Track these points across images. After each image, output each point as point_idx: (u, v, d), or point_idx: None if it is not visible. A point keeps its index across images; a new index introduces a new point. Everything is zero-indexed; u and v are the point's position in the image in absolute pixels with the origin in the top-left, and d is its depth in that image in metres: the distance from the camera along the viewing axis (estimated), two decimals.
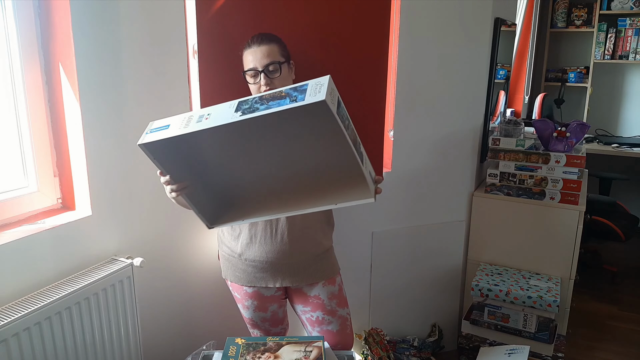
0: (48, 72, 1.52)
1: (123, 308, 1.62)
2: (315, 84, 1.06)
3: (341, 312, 1.67)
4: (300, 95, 1.04)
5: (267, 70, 1.48)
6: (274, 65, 1.49)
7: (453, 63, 2.25)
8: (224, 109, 1.12)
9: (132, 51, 1.63)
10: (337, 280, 1.68)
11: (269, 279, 1.62)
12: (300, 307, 1.69)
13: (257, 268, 1.60)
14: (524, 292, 2.16)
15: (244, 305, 1.69)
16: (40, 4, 1.47)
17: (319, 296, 1.64)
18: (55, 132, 1.57)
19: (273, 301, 1.69)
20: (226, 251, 1.65)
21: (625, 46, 4.08)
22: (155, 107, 1.72)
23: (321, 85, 1.04)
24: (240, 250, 1.60)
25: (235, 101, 1.13)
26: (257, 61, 1.48)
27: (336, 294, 1.66)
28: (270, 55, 1.49)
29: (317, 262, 1.63)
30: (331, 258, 1.68)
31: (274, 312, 1.71)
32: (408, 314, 2.48)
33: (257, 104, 1.07)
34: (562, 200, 2.29)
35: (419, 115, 2.24)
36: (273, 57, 1.49)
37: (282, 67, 1.50)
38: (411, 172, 2.30)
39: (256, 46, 1.49)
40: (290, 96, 1.05)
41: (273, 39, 1.52)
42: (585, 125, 2.35)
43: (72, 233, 1.53)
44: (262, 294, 1.65)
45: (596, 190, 3.75)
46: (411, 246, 2.38)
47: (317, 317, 1.65)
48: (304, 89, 1.05)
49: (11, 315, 1.28)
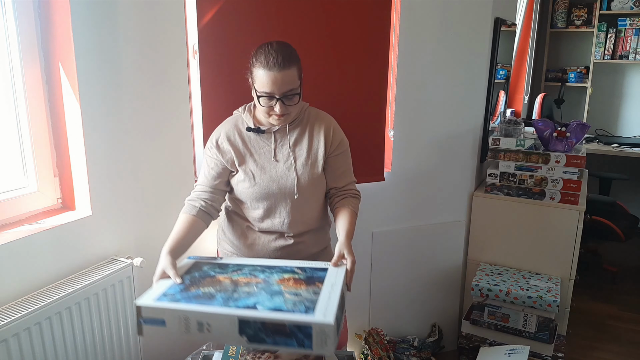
0: (48, 72, 1.52)
1: (123, 308, 1.62)
2: (320, 331, 1.07)
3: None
4: (307, 341, 1.07)
5: (286, 97, 1.40)
6: (292, 94, 1.41)
7: (453, 63, 2.25)
8: (225, 324, 1.11)
9: (132, 51, 1.63)
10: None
11: None
12: None
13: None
14: (524, 292, 2.15)
15: None
16: (40, 4, 1.47)
17: None
18: (55, 132, 1.57)
19: None
20: (228, 249, 1.64)
21: (625, 46, 4.08)
22: (156, 107, 1.72)
23: (326, 336, 1.06)
24: (242, 250, 1.60)
25: (235, 317, 1.10)
26: (277, 88, 1.38)
27: None
28: (291, 82, 1.39)
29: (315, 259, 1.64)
30: (328, 255, 1.68)
31: None
32: (408, 314, 2.48)
33: (262, 333, 1.09)
34: (562, 200, 2.29)
35: (419, 115, 2.24)
36: (293, 85, 1.40)
37: (299, 92, 1.44)
38: (411, 172, 2.30)
39: (277, 71, 1.36)
40: (297, 338, 1.07)
41: (293, 60, 1.41)
42: (585, 125, 2.35)
43: (72, 233, 1.53)
44: None
45: (596, 190, 3.75)
46: (411, 246, 2.38)
47: None
48: (309, 332, 1.07)
49: (11, 315, 1.28)
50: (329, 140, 1.54)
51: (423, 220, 2.39)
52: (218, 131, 1.54)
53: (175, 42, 1.71)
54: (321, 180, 1.55)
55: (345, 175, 1.59)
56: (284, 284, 1.25)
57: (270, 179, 1.49)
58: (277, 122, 1.48)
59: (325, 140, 1.53)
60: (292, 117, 1.50)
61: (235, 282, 1.26)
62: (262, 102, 1.42)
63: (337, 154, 1.56)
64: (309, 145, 1.53)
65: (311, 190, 1.52)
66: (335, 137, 1.56)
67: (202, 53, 1.70)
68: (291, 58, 1.41)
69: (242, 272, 1.33)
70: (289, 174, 1.50)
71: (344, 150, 1.58)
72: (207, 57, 1.71)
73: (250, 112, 1.55)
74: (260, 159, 1.51)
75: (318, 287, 1.23)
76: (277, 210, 1.52)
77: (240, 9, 1.72)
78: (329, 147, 1.54)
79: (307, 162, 1.51)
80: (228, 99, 1.74)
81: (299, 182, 1.49)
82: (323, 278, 1.28)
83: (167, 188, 1.80)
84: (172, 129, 1.77)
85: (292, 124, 1.53)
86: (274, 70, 1.37)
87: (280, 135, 1.53)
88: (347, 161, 1.60)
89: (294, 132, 1.54)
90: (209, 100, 1.75)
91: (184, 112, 1.78)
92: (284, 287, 1.23)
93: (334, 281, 1.26)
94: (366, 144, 2.05)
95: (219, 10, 1.69)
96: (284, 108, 1.42)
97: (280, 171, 1.50)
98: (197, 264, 1.39)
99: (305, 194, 1.51)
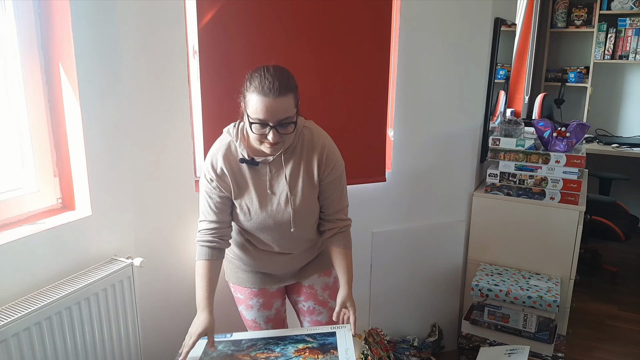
0: (48, 72, 1.52)
1: (123, 308, 1.62)
2: None
3: (332, 304, 1.66)
4: None
5: (280, 126, 1.32)
6: (288, 122, 1.33)
7: (453, 63, 2.25)
8: None
9: (132, 51, 1.63)
10: (333, 272, 1.69)
11: (272, 282, 1.65)
12: (294, 296, 1.72)
13: (261, 274, 1.64)
14: (524, 292, 2.15)
15: (247, 305, 1.68)
16: (40, 4, 1.47)
17: (313, 286, 1.67)
18: (55, 132, 1.57)
19: (278, 297, 1.70)
20: (229, 254, 1.65)
21: (625, 46, 4.07)
22: (156, 107, 1.72)
23: None
24: (245, 260, 1.62)
25: None
26: (271, 116, 1.30)
27: (330, 285, 1.69)
28: (286, 111, 1.31)
29: (314, 259, 1.67)
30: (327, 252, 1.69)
31: (277, 309, 1.71)
32: (408, 314, 2.48)
33: None
34: (562, 200, 2.29)
35: (419, 115, 2.24)
36: (288, 113, 1.31)
37: (294, 120, 1.35)
38: (411, 172, 2.30)
39: (272, 97, 1.28)
40: None
41: (290, 87, 1.32)
42: (585, 125, 2.35)
43: (72, 233, 1.53)
44: (268, 290, 1.67)
45: (596, 190, 3.75)
46: (411, 246, 2.38)
47: (309, 306, 1.68)
48: None
49: (11, 315, 1.28)
50: (322, 166, 1.48)
51: (423, 220, 2.39)
52: (215, 159, 1.45)
53: (175, 42, 1.71)
54: (316, 207, 1.53)
55: (337, 202, 1.55)
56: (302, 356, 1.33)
57: (266, 214, 1.46)
58: (269, 151, 1.39)
59: (318, 167, 1.47)
60: (286, 145, 1.41)
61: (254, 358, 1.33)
62: (254, 129, 1.33)
63: (329, 181, 1.50)
64: (305, 174, 1.47)
65: (307, 220, 1.52)
66: (329, 162, 1.48)
67: (202, 53, 1.71)
68: (288, 85, 1.32)
69: (257, 348, 1.39)
70: (286, 209, 1.46)
71: (338, 175, 1.52)
72: (207, 57, 1.72)
73: (244, 140, 1.45)
74: (255, 192, 1.46)
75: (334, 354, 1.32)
76: (273, 239, 1.52)
77: (240, 9, 1.72)
78: (322, 173, 1.49)
79: (303, 193, 1.47)
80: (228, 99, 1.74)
81: (294, 216, 1.46)
82: (335, 344, 1.37)
83: (167, 188, 1.80)
84: (172, 129, 1.77)
85: (287, 153, 1.46)
86: (269, 97, 1.28)
87: (275, 166, 1.46)
88: (340, 188, 1.54)
89: (290, 162, 1.46)
90: (209, 100, 1.75)
91: (184, 112, 1.78)
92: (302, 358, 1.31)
93: (347, 345, 1.36)
94: (366, 144, 2.05)
95: (219, 11, 1.69)
96: (278, 136, 1.32)
97: (275, 205, 1.46)
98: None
99: (302, 225, 1.51)
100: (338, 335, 1.42)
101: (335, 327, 1.47)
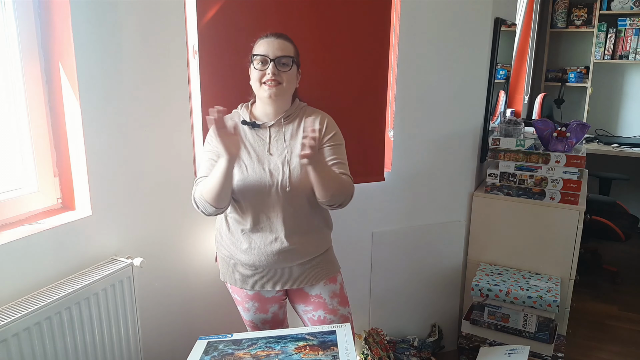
0: (48, 72, 1.52)
1: (123, 308, 1.62)
2: None
3: (343, 312, 1.66)
4: None
5: (279, 62, 1.47)
6: (286, 59, 1.48)
7: (453, 63, 2.25)
8: None
9: (132, 51, 1.63)
10: (338, 278, 1.68)
11: (268, 283, 1.60)
12: (301, 306, 1.67)
13: (256, 272, 1.59)
14: (524, 292, 2.16)
15: (244, 307, 1.69)
16: (40, 4, 1.47)
17: (320, 295, 1.63)
18: (55, 132, 1.57)
19: (274, 302, 1.68)
20: (225, 254, 1.63)
21: (625, 46, 4.08)
22: (156, 107, 1.72)
23: None
24: (239, 255, 1.58)
25: None
26: (271, 51, 1.46)
27: (337, 292, 1.66)
28: (285, 50, 1.48)
29: (317, 263, 1.62)
30: (330, 257, 1.68)
31: (274, 313, 1.70)
32: (408, 314, 2.49)
33: None
34: (562, 200, 2.29)
35: (419, 115, 2.24)
36: (287, 52, 1.49)
37: (292, 65, 1.49)
38: (411, 172, 2.30)
39: (274, 38, 1.48)
40: None
41: (291, 40, 1.53)
42: (585, 125, 2.35)
43: (72, 233, 1.53)
44: (263, 296, 1.65)
45: (596, 190, 3.75)
46: (411, 246, 2.38)
47: (319, 316, 1.64)
48: None
49: (11, 315, 1.28)
50: (322, 132, 1.55)
51: (423, 220, 2.39)
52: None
53: (175, 42, 1.71)
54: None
55: (337, 165, 1.53)
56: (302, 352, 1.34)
57: (263, 171, 1.50)
58: (268, 94, 1.48)
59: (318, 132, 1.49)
60: (284, 92, 1.50)
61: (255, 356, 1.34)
62: (255, 64, 1.48)
63: (329, 145, 1.55)
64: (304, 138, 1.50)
65: (304, 184, 1.49)
66: (329, 129, 1.56)
67: (202, 53, 1.71)
68: (289, 38, 1.51)
69: (258, 346, 1.41)
70: (282, 168, 1.50)
71: (337, 143, 1.57)
72: (207, 57, 1.72)
73: (248, 108, 1.58)
74: (254, 152, 1.52)
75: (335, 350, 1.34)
76: (270, 205, 1.50)
77: (240, 9, 1.73)
78: (321, 138, 1.54)
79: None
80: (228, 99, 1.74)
81: (291, 175, 1.49)
82: (335, 341, 1.39)
83: (167, 188, 1.80)
84: (172, 129, 1.77)
85: (288, 119, 1.55)
86: (271, 37, 1.48)
87: (275, 129, 1.54)
88: (340, 154, 1.57)
89: (289, 127, 1.55)
90: (209, 100, 1.75)
91: (184, 112, 1.78)
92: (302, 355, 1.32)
93: (347, 342, 1.37)
94: (366, 144, 2.05)
95: (219, 10, 1.69)
96: (276, 70, 1.45)
97: (273, 164, 1.50)
98: (210, 344, 1.46)
99: (298, 188, 1.49)
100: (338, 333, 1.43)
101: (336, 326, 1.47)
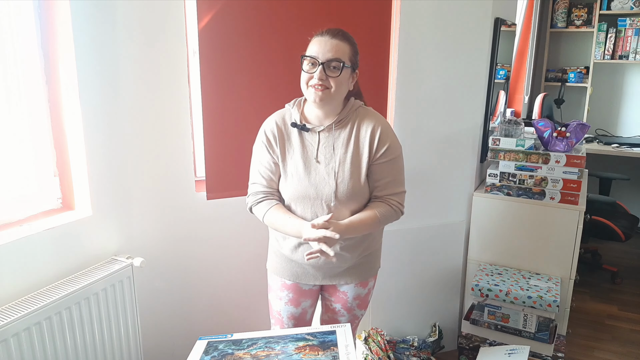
0: (48, 72, 1.52)
1: (123, 308, 1.62)
2: None
3: (357, 313, 1.68)
4: None
5: (327, 66, 1.35)
6: (336, 63, 1.36)
7: (453, 63, 2.25)
8: None
9: (132, 51, 1.63)
10: (370, 283, 1.67)
11: (310, 277, 1.59)
12: (327, 294, 1.68)
13: (301, 267, 1.58)
14: (524, 292, 2.16)
15: (277, 295, 1.65)
16: (40, 4, 1.47)
17: (346, 293, 1.64)
18: (55, 132, 1.57)
19: (309, 296, 1.65)
20: (274, 245, 1.62)
21: (625, 46, 4.08)
22: (156, 107, 1.72)
23: None
24: (286, 251, 1.57)
25: None
26: (322, 53, 1.35)
27: (362, 296, 1.66)
28: (337, 52, 1.36)
29: (358, 264, 1.60)
30: (373, 259, 1.65)
31: (304, 310, 1.67)
32: (408, 314, 2.49)
33: None
34: (562, 200, 2.29)
35: (418, 115, 2.24)
36: (339, 55, 1.36)
37: (343, 70, 1.37)
38: (411, 172, 2.29)
39: (328, 37, 1.36)
40: None
41: (348, 38, 1.40)
42: (585, 125, 2.35)
43: (72, 233, 1.53)
44: (300, 287, 1.62)
45: (596, 190, 3.75)
46: (411, 246, 2.38)
47: (334, 307, 1.66)
48: None
49: (11, 315, 1.28)
50: (373, 146, 1.44)
51: (423, 221, 2.39)
52: (268, 122, 1.50)
53: (175, 42, 1.71)
54: (362, 189, 1.46)
55: (389, 185, 1.47)
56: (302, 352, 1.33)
57: (309, 182, 1.44)
58: (314, 97, 1.38)
59: (370, 146, 1.43)
60: (332, 98, 1.39)
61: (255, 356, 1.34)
62: (304, 66, 1.38)
63: (381, 162, 1.45)
64: (355, 149, 1.44)
65: (350, 199, 1.44)
66: (381, 142, 1.44)
67: (202, 53, 1.71)
68: (346, 35, 1.39)
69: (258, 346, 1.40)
70: (328, 180, 1.43)
71: (392, 158, 1.47)
72: (207, 57, 1.72)
73: (299, 107, 1.49)
74: (301, 158, 1.45)
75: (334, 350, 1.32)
76: (317, 212, 1.45)
77: (240, 10, 1.73)
78: (373, 153, 1.44)
79: (349, 167, 1.43)
80: (228, 99, 1.74)
81: (337, 190, 1.42)
82: (335, 341, 1.38)
83: (167, 188, 1.80)
84: (172, 129, 1.77)
85: (339, 124, 1.45)
86: (326, 36, 1.37)
87: (324, 135, 1.45)
88: (394, 171, 1.48)
89: (340, 133, 1.45)
90: (209, 100, 1.75)
91: (184, 112, 1.78)
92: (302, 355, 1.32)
93: (347, 342, 1.36)
94: None
95: (219, 11, 1.70)
96: (323, 76, 1.34)
97: (319, 176, 1.44)
98: (210, 344, 1.45)
99: (344, 201, 1.44)
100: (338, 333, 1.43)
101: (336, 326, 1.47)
